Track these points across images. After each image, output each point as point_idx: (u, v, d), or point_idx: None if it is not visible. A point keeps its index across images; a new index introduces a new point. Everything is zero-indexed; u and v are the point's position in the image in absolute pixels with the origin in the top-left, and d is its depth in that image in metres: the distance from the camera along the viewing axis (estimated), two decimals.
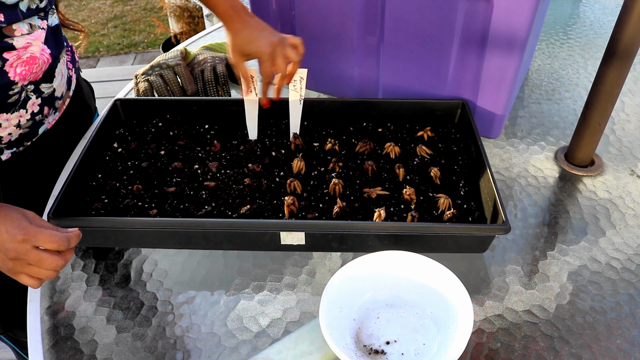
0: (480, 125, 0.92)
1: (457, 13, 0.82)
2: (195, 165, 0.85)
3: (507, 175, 0.89)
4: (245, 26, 0.83)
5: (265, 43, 0.82)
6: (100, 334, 0.67)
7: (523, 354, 0.64)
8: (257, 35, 0.83)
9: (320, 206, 0.77)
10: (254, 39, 0.83)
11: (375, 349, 0.62)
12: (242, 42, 0.84)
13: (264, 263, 0.75)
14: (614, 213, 0.81)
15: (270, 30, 0.84)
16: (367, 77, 0.99)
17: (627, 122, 1.00)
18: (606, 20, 1.35)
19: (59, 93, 0.83)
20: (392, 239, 0.71)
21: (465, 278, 0.65)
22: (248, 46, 0.83)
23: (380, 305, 0.67)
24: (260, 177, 0.83)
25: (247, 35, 0.83)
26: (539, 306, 0.69)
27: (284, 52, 0.83)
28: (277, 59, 0.83)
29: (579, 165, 0.90)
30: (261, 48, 0.82)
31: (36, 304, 0.71)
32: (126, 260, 0.76)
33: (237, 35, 0.84)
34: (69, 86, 0.90)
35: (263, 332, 0.67)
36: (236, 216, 0.76)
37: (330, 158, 0.86)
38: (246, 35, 0.83)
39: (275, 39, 0.82)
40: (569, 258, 0.75)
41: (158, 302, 0.71)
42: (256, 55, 0.84)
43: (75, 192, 0.77)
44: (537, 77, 1.14)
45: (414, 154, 0.87)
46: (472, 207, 0.77)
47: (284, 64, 0.83)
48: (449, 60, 0.89)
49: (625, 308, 0.68)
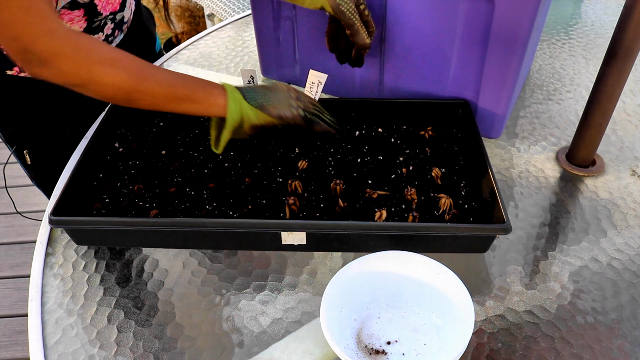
0: (481, 125, 0.92)
1: (458, 13, 0.82)
2: (196, 164, 0.85)
3: (508, 175, 0.88)
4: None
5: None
6: (101, 334, 0.67)
7: (524, 355, 0.64)
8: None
9: (321, 206, 0.77)
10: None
11: (376, 349, 0.62)
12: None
13: (265, 263, 0.75)
14: (615, 213, 0.81)
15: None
16: (367, 77, 0.99)
17: (628, 123, 1.00)
18: (607, 20, 1.35)
19: (126, 19, 1.02)
20: (393, 239, 0.71)
21: (466, 278, 0.65)
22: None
23: (381, 305, 0.67)
24: (261, 177, 0.83)
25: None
26: (540, 306, 0.69)
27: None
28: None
29: (580, 166, 0.89)
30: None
31: (37, 302, 0.71)
32: (127, 260, 0.76)
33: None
34: (131, 12, 1.05)
35: (264, 332, 0.67)
36: (237, 216, 0.76)
37: (331, 160, 0.86)
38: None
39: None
40: (570, 258, 0.75)
41: (159, 301, 0.71)
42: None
43: (76, 191, 0.77)
44: (538, 77, 1.13)
45: (414, 155, 0.87)
46: (473, 207, 0.77)
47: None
48: (450, 60, 0.89)
49: (626, 308, 0.68)
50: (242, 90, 0.75)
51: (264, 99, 0.75)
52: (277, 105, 0.75)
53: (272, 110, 0.75)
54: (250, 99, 0.75)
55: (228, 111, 0.73)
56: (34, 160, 1.04)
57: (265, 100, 0.75)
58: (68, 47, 0.64)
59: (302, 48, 1.02)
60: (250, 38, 1.29)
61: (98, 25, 0.92)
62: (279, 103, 0.76)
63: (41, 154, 1.04)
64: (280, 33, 1.02)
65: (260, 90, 0.76)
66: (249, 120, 0.74)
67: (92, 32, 0.93)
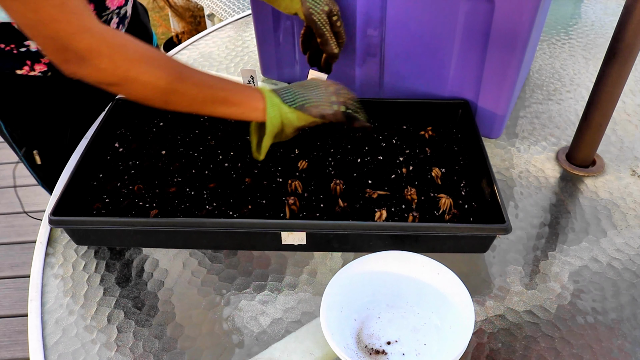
0: (481, 125, 0.92)
1: (458, 13, 0.82)
2: (196, 164, 0.85)
3: (508, 175, 0.88)
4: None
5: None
6: (101, 334, 0.67)
7: (524, 355, 0.64)
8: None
9: (321, 206, 0.77)
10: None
11: (376, 349, 0.62)
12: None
13: (265, 263, 0.75)
14: (615, 213, 0.81)
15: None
16: (367, 77, 0.99)
17: (628, 123, 1.00)
18: (607, 20, 1.35)
19: (128, 13, 1.02)
20: (393, 239, 0.71)
21: (466, 278, 0.65)
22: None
23: (381, 305, 0.67)
24: (261, 177, 0.83)
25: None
26: (540, 306, 0.69)
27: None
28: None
29: (580, 166, 0.89)
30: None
31: (37, 302, 0.71)
32: (127, 260, 0.76)
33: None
34: (131, 7, 1.06)
35: (264, 332, 0.67)
36: (237, 216, 0.76)
37: (331, 161, 0.86)
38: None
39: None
40: (570, 258, 0.75)
41: (159, 301, 0.71)
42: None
43: (76, 191, 0.77)
44: (538, 77, 1.13)
45: (414, 155, 0.87)
46: (473, 207, 0.77)
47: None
48: (450, 60, 0.89)
49: (626, 308, 0.68)
50: (280, 92, 0.73)
51: (303, 99, 0.73)
52: (318, 103, 0.73)
53: (313, 110, 0.73)
54: (289, 100, 0.73)
55: (267, 117, 0.71)
56: (44, 160, 1.03)
57: (304, 100, 0.73)
58: (105, 44, 0.62)
59: None
60: (250, 38, 1.29)
61: (105, 19, 0.92)
62: (319, 101, 0.73)
63: (51, 154, 1.03)
64: (280, 33, 1.02)
65: (297, 90, 0.74)
66: (291, 124, 0.73)
67: None
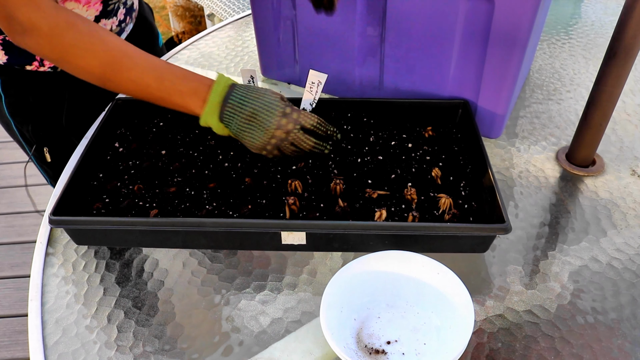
0: (481, 125, 0.92)
1: (458, 13, 0.82)
2: (196, 164, 0.85)
3: (508, 175, 0.88)
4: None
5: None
6: (101, 334, 0.67)
7: (524, 354, 0.64)
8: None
9: (321, 206, 0.77)
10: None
11: (376, 349, 0.62)
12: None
13: (265, 263, 0.75)
14: (615, 213, 0.81)
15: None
16: (368, 77, 0.99)
17: (628, 122, 1.00)
18: (607, 20, 1.35)
19: (135, 6, 1.05)
20: (393, 238, 0.71)
21: (466, 278, 0.65)
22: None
23: (381, 305, 0.67)
24: (261, 177, 0.83)
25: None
26: (539, 306, 0.69)
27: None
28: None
29: (580, 166, 0.89)
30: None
31: (37, 302, 0.71)
32: (127, 260, 0.76)
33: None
34: (138, 1, 1.10)
35: (264, 331, 0.67)
36: (237, 216, 0.76)
37: (331, 161, 0.86)
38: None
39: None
40: (570, 258, 0.75)
41: (159, 301, 0.71)
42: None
43: (76, 191, 0.77)
44: (538, 77, 1.13)
45: (414, 155, 0.87)
46: (473, 207, 0.77)
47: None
48: (450, 60, 0.89)
49: (626, 308, 0.68)
50: (226, 104, 0.73)
51: (246, 125, 0.73)
52: (256, 137, 0.74)
53: (246, 143, 0.75)
54: (229, 118, 0.73)
55: (200, 123, 0.75)
56: (53, 157, 1.04)
57: (245, 128, 0.73)
58: (46, 22, 0.65)
59: (302, 48, 1.02)
60: (250, 38, 1.29)
61: (112, 8, 0.94)
62: (259, 134, 0.73)
63: (60, 151, 1.03)
64: (280, 33, 1.02)
65: (246, 111, 0.73)
66: (222, 135, 0.76)
67: (107, 16, 0.95)
